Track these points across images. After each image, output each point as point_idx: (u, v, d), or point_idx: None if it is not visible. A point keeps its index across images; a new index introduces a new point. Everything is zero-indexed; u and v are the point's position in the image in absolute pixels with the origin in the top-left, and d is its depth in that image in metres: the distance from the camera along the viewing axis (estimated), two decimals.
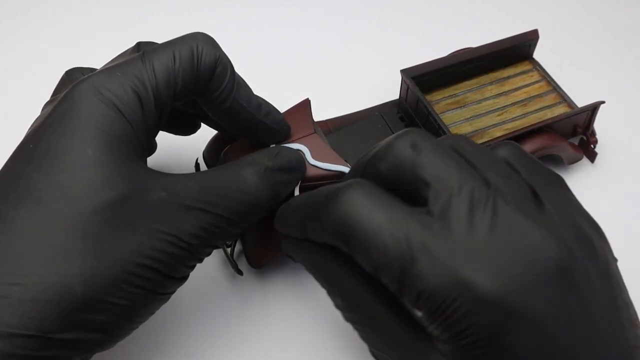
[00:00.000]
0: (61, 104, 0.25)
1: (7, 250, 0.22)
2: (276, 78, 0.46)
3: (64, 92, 0.26)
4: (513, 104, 0.40)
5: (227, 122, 0.30)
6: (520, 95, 0.41)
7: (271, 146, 0.31)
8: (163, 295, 0.26)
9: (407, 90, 0.39)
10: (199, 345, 0.32)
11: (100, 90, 0.25)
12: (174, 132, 0.35)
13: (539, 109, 0.40)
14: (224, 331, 0.33)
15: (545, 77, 0.42)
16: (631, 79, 0.46)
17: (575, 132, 0.39)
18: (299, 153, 0.30)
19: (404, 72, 0.39)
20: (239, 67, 0.29)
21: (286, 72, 0.47)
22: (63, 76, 0.30)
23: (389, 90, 0.43)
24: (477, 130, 0.39)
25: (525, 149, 0.36)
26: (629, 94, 0.45)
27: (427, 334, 0.22)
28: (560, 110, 0.40)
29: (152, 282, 0.24)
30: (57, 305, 0.22)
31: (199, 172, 0.27)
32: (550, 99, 0.41)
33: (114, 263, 0.23)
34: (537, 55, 0.43)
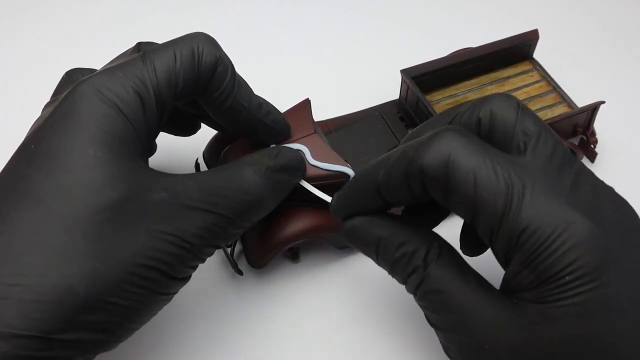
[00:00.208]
0: (62, 105, 0.25)
1: (7, 251, 0.22)
2: (276, 78, 0.46)
3: (65, 93, 0.25)
4: None
5: (227, 121, 0.30)
6: (520, 95, 0.41)
7: (271, 146, 0.31)
8: (165, 295, 0.26)
9: (407, 90, 0.39)
10: (199, 345, 0.32)
11: (101, 91, 0.25)
12: (174, 133, 0.35)
13: (539, 109, 0.40)
14: (223, 331, 0.33)
15: (545, 77, 0.42)
16: (631, 79, 0.46)
17: (575, 132, 0.39)
18: (299, 153, 0.30)
19: (404, 72, 0.39)
20: (239, 67, 0.29)
21: (286, 72, 0.47)
22: (63, 77, 0.30)
23: (389, 90, 0.43)
24: None
25: None
26: (629, 94, 0.45)
27: (510, 291, 0.23)
28: (560, 110, 0.40)
29: (154, 282, 0.24)
30: (59, 306, 0.22)
31: (200, 172, 0.27)
32: (550, 99, 0.41)
33: (116, 263, 0.23)
34: (537, 55, 0.43)
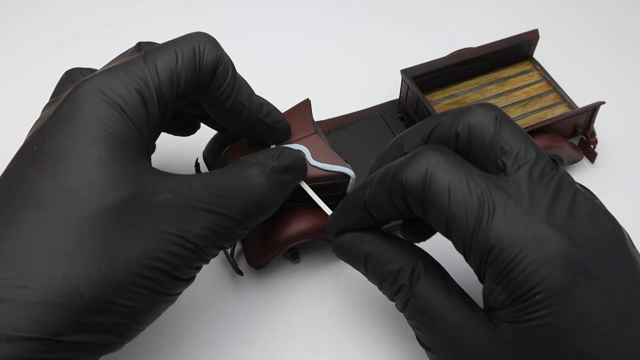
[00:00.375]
0: (64, 105, 0.25)
1: (13, 254, 0.22)
2: (276, 78, 0.46)
3: (67, 93, 0.25)
4: (513, 104, 0.40)
5: (228, 121, 0.30)
6: (520, 95, 0.41)
7: (272, 147, 0.31)
8: (170, 296, 0.26)
9: (407, 90, 0.39)
10: (199, 344, 0.32)
11: (103, 91, 0.25)
12: (173, 133, 0.35)
13: (539, 109, 0.40)
14: (223, 331, 0.33)
15: (545, 77, 0.42)
16: (631, 79, 0.46)
17: (575, 132, 0.39)
18: (300, 153, 0.30)
19: (404, 72, 0.39)
20: (239, 66, 0.29)
21: (286, 72, 0.47)
22: (63, 76, 0.30)
23: (389, 90, 0.43)
24: None
25: None
26: (629, 94, 0.45)
27: (485, 310, 0.23)
28: (560, 110, 0.40)
29: (159, 283, 0.24)
30: (65, 308, 0.22)
31: (205, 173, 0.27)
32: (550, 99, 0.41)
33: (121, 265, 0.23)
34: (537, 55, 0.43)
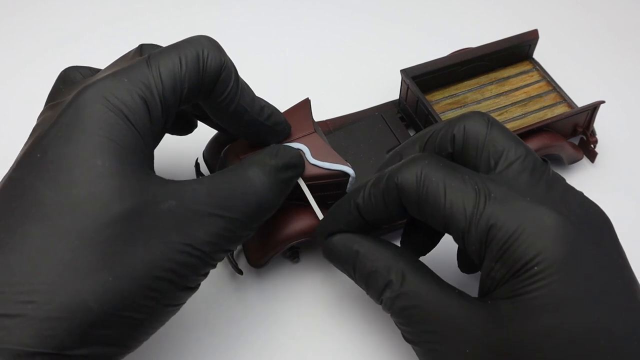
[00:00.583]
0: (67, 111, 0.24)
1: (18, 267, 0.22)
2: (276, 78, 0.46)
3: (70, 98, 0.25)
4: (513, 104, 0.40)
5: (229, 124, 0.30)
6: (520, 95, 0.41)
7: (270, 145, 0.31)
8: (176, 306, 0.25)
9: (407, 90, 0.39)
10: (199, 344, 0.32)
11: (107, 98, 0.24)
12: (171, 132, 0.35)
13: (539, 109, 0.40)
14: (223, 331, 0.32)
15: (545, 77, 0.42)
16: (631, 79, 0.46)
17: (575, 132, 0.39)
18: (297, 150, 0.30)
19: (404, 72, 0.39)
20: (239, 66, 0.29)
21: (286, 72, 0.47)
22: (61, 74, 0.30)
23: (389, 90, 0.43)
24: None
25: None
26: (629, 94, 0.45)
27: (480, 296, 0.24)
28: (560, 110, 0.40)
29: (166, 293, 0.24)
30: (73, 322, 0.22)
31: (207, 177, 0.27)
32: (550, 99, 0.41)
33: (128, 277, 0.23)
34: (537, 55, 0.43)
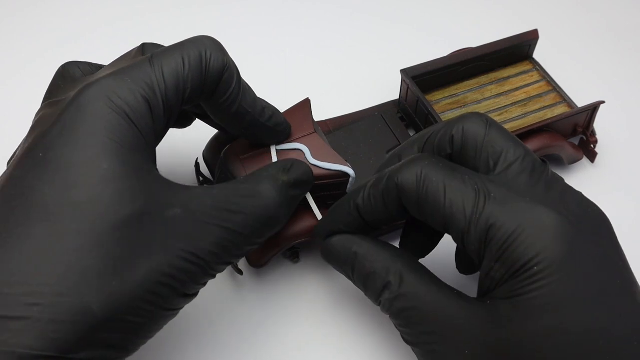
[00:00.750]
0: (69, 110, 0.24)
1: (19, 268, 0.22)
2: (277, 78, 0.46)
3: (71, 96, 0.25)
4: (513, 104, 0.40)
5: (230, 125, 0.30)
6: (520, 95, 0.41)
7: (277, 156, 0.31)
8: (174, 311, 0.26)
9: (407, 90, 0.39)
10: (198, 343, 0.32)
11: (110, 97, 0.24)
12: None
13: (539, 109, 0.40)
14: (222, 330, 0.33)
15: (545, 77, 0.42)
16: (631, 79, 0.46)
17: (576, 132, 0.39)
18: (308, 167, 0.30)
19: (404, 72, 0.39)
20: (239, 66, 0.29)
21: (286, 72, 0.47)
22: (59, 70, 0.29)
23: (389, 90, 0.43)
24: None
25: None
26: (629, 94, 0.45)
27: (479, 296, 0.25)
28: (560, 110, 0.40)
29: (166, 299, 0.24)
30: (76, 326, 0.21)
31: (216, 187, 0.27)
32: (550, 99, 0.41)
33: (132, 282, 0.23)
34: (537, 55, 0.43)
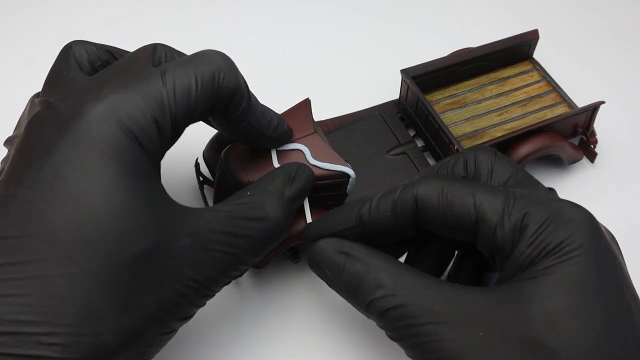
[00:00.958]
0: (77, 128, 0.23)
1: (43, 310, 0.22)
2: (277, 78, 0.46)
3: (78, 110, 0.24)
4: (513, 104, 0.40)
5: (234, 137, 0.30)
6: (520, 95, 0.41)
7: (286, 165, 0.30)
8: (174, 332, 0.26)
9: (407, 90, 0.39)
10: (198, 344, 0.32)
11: (120, 118, 0.24)
12: None
13: (539, 109, 0.40)
14: (222, 330, 0.32)
15: (545, 77, 0.42)
16: (631, 79, 0.46)
17: (575, 132, 0.39)
18: (311, 170, 0.30)
19: (404, 72, 0.39)
20: (239, 66, 0.29)
21: (286, 72, 0.47)
22: (65, 51, 0.28)
23: (389, 90, 0.43)
24: (477, 130, 0.39)
25: (525, 149, 0.37)
26: (629, 94, 0.45)
27: (508, 274, 0.25)
28: (560, 110, 0.40)
29: (169, 326, 0.25)
30: None
31: (223, 208, 0.27)
32: (550, 99, 0.41)
33: (144, 315, 0.23)
34: (537, 55, 0.43)
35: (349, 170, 0.31)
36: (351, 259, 0.26)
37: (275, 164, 0.31)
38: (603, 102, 0.38)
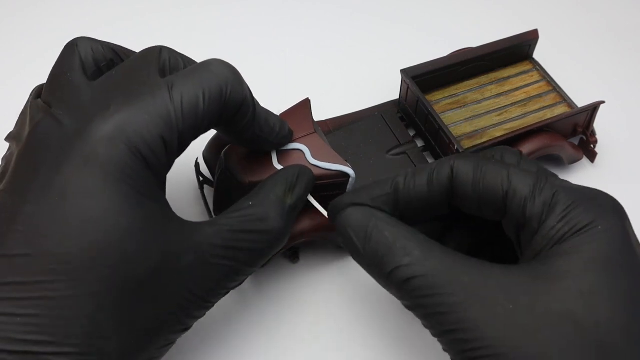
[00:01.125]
0: (83, 146, 0.23)
1: (52, 330, 0.22)
2: (277, 78, 0.46)
3: (83, 125, 0.24)
4: (513, 104, 0.40)
5: (239, 143, 0.30)
6: (520, 95, 0.41)
7: (287, 167, 0.30)
8: (170, 345, 0.26)
9: (407, 90, 0.39)
10: (198, 344, 0.32)
11: (127, 136, 0.23)
12: None
13: (539, 109, 0.40)
14: (222, 330, 0.32)
15: (545, 77, 0.42)
16: (631, 79, 0.46)
17: (575, 132, 0.39)
18: (312, 173, 0.30)
19: (404, 72, 0.39)
20: (239, 67, 0.29)
21: (286, 72, 0.47)
22: (69, 46, 0.28)
23: (389, 90, 0.43)
24: (477, 130, 0.39)
25: (525, 149, 0.37)
26: (629, 94, 0.45)
27: (537, 249, 0.25)
28: (560, 110, 0.40)
29: (170, 339, 0.26)
30: None
31: (224, 221, 0.26)
32: (550, 99, 0.41)
33: (148, 333, 0.24)
34: (537, 55, 0.43)
35: (349, 170, 0.31)
36: (380, 225, 0.26)
37: (275, 164, 0.31)
38: (603, 102, 0.38)
